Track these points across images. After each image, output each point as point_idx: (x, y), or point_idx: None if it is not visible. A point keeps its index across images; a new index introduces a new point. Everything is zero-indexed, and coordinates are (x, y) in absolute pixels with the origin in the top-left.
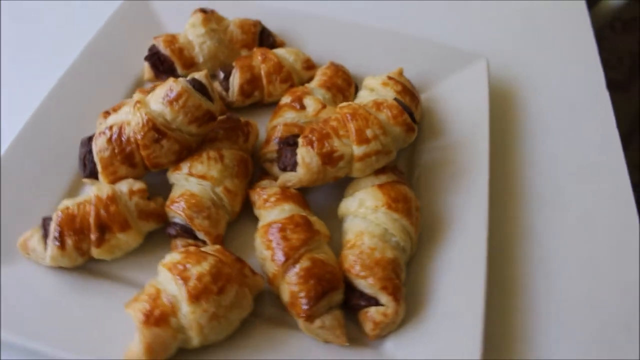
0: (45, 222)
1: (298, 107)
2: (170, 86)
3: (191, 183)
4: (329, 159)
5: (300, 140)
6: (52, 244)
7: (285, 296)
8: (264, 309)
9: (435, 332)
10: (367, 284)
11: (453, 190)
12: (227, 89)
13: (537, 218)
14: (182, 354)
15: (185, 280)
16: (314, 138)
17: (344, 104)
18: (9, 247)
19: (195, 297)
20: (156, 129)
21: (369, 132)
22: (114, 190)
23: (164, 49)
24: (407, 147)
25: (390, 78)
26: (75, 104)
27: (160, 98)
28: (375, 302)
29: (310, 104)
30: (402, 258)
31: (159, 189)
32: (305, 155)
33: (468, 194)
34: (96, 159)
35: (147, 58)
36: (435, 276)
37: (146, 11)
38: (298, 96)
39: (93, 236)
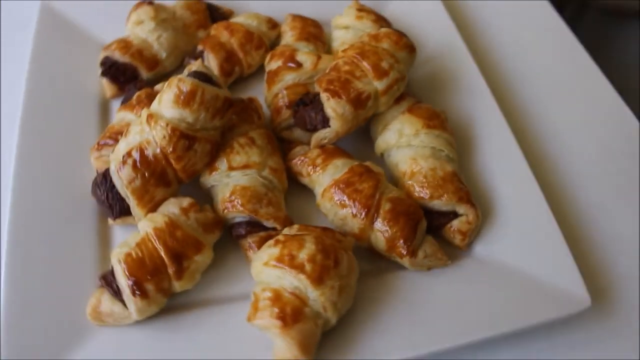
0: (107, 280)
1: (294, 66)
2: (178, 86)
3: (234, 177)
4: (358, 102)
5: (324, 95)
6: (132, 298)
7: (380, 244)
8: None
9: (510, 228)
10: (443, 202)
11: (454, 96)
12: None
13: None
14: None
15: (299, 268)
16: (337, 88)
17: (345, 47)
18: (73, 325)
19: (319, 279)
20: (185, 136)
21: (384, 64)
22: (169, 216)
23: (121, 57)
24: None
25: (360, 10)
26: (48, 149)
27: (172, 103)
28: (454, 216)
29: (306, 58)
30: (456, 167)
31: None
32: (336, 106)
33: (472, 96)
34: (125, 192)
35: (104, 73)
36: (483, 179)
37: (66, 26)
38: (289, 56)
39: (171, 270)
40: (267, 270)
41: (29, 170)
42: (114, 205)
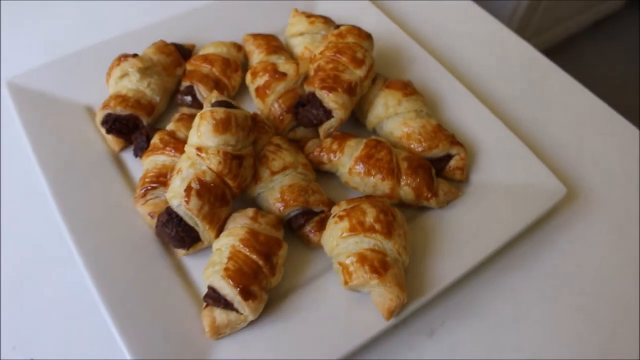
0: (213, 298)
1: (280, 76)
2: (214, 117)
3: (278, 180)
4: (351, 90)
5: (322, 92)
6: (245, 302)
7: (409, 195)
8: None
9: (490, 155)
10: (439, 149)
11: (408, 69)
12: (201, 106)
13: None
14: None
15: (371, 229)
16: (331, 83)
17: (320, 48)
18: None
19: (389, 233)
20: (235, 157)
21: (359, 55)
22: (246, 227)
23: (122, 111)
24: None
25: (309, 16)
26: (93, 213)
27: (212, 132)
28: (449, 157)
29: (287, 68)
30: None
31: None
32: (336, 98)
33: (419, 65)
34: (195, 220)
35: (109, 131)
36: (455, 125)
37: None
38: (272, 69)
39: (266, 269)
40: (344, 241)
41: (88, 239)
42: (185, 237)
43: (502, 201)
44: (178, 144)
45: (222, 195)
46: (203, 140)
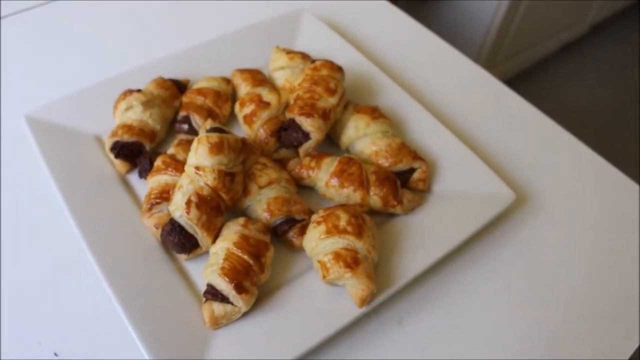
0: (211, 293)
1: (264, 105)
2: (209, 141)
3: (265, 193)
4: (325, 116)
5: (300, 118)
6: (239, 295)
7: (377, 204)
8: None
9: (447, 167)
10: (403, 164)
11: (376, 96)
12: (197, 133)
13: None
14: None
15: (344, 231)
16: (308, 110)
17: (299, 80)
18: (198, 334)
19: (360, 234)
20: (227, 174)
21: (332, 85)
22: (238, 233)
23: (128, 138)
24: None
25: (289, 52)
26: (108, 229)
27: (208, 154)
28: (412, 171)
29: (271, 98)
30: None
31: None
32: (313, 123)
33: (385, 93)
34: (194, 229)
35: (117, 156)
36: (417, 143)
37: (56, 129)
38: (257, 99)
39: (256, 267)
40: (322, 242)
41: (103, 249)
42: (186, 244)
43: (459, 207)
44: (178, 165)
45: (217, 207)
46: (200, 161)
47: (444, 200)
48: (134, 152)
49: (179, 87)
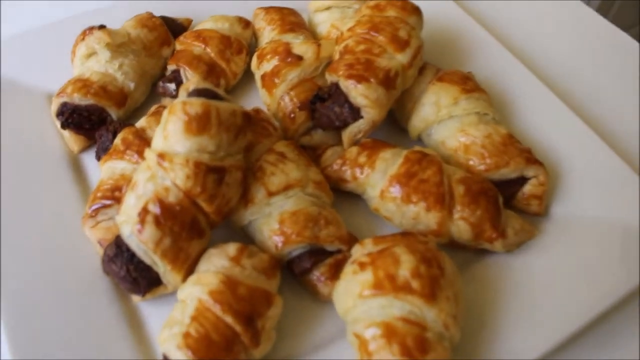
0: None
1: (294, 60)
2: (185, 111)
3: (277, 204)
4: (389, 82)
5: (347, 83)
6: None
7: (465, 233)
8: None
9: (578, 178)
10: (511, 169)
11: (467, 57)
12: None
13: None
14: None
15: (406, 288)
16: (360, 71)
17: (350, 24)
18: None
19: (432, 295)
20: (212, 169)
21: (402, 34)
22: (222, 273)
23: (82, 100)
24: None
25: None
26: (28, 233)
27: (183, 133)
28: (523, 180)
29: (305, 49)
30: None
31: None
32: (367, 92)
33: (482, 52)
34: (152, 258)
35: (65, 125)
36: (530, 136)
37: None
38: (284, 50)
39: (246, 338)
40: (365, 302)
41: (15, 263)
42: (139, 278)
43: (597, 246)
44: (144, 146)
45: (193, 224)
46: (170, 144)
47: (570, 233)
48: (92, 122)
49: (173, 28)
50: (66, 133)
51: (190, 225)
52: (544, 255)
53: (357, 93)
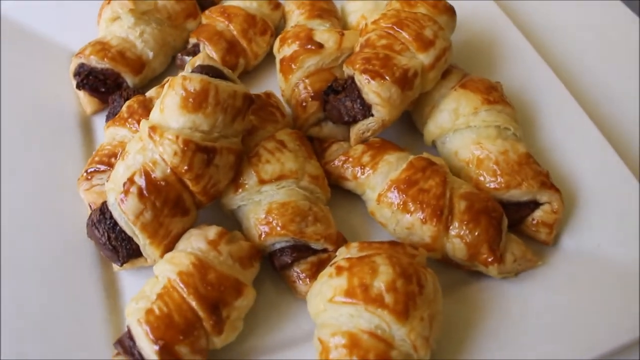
0: (125, 346)
1: (314, 48)
2: (184, 86)
3: (268, 193)
4: (405, 82)
5: (362, 77)
6: None
7: (460, 252)
8: None
9: (598, 211)
10: (522, 191)
11: (499, 65)
12: None
13: None
14: None
15: (378, 301)
16: (377, 67)
17: (375, 17)
18: None
19: (404, 312)
20: (201, 149)
21: (428, 33)
22: (195, 255)
23: (99, 63)
24: None
25: None
26: (28, 185)
27: (179, 108)
28: (535, 205)
29: (327, 37)
30: (526, 147)
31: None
32: (380, 90)
33: (520, 63)
34: (132, 229)
35: (80, 86)
36: (554, 158)
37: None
38: (306, 36)
39: (208, 324)
40: (334, 308)
41: (10, 214)
42: (119, 247)
43: (604, 288)
44: (145, 116)
45: (177, 201)
46: (165, 118)
47: (578, 267)
48: (108, 85)
49: (203, 2)
50: (81, 93)
51: (174, 202)
52: (544, 289)
53: (370, 89)
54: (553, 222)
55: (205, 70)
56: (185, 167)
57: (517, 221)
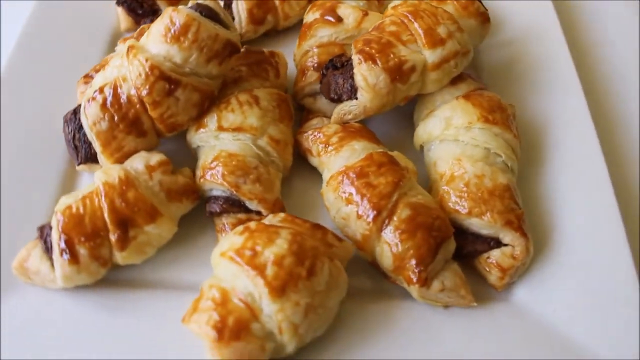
0: (44, 232)
1: (333, 20)
2: (171, 17)
3: (224, 140)
4: (398, 73)
5: (355, 57)
6: (60, 259)
7: (386, 260)
8: (354, 282)
9: (569, 273)
10: (484, 223)
11: (537, 89)
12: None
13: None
14: None
15: (259, 269)
16: (373, 50)
17: (398, 1)
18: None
19: (280, 290)
20: (165, 78)
21: (441, 30)
22: (126, 171)
23: None
24: None
25: None
26: (39, 75)
27: (161, 36)
28: (496, 244)
29: (349, 13)
30: (514, 181)
31: (180, 159)
32: (367, 74)
33: (557, 92)
34: (91, 135)
35: (119, 2)
36: (552, 200)
37: None
38: (329, 7)
39: (113, 237)
40: (224, 262)
41: (13, 91)
42: (80, 148)
43: (539, 351)
44: None
45: (134, 121)
46: (148, 41)
47: (519, 322)
48: (147, 8)
49: None
50: (119, 9)
51: (132, 121)
52: (466, 330)
53: (359, 71)
54: (508, 267)
55: (200, 8)
56: (146, 90)
57: (470, 253)
